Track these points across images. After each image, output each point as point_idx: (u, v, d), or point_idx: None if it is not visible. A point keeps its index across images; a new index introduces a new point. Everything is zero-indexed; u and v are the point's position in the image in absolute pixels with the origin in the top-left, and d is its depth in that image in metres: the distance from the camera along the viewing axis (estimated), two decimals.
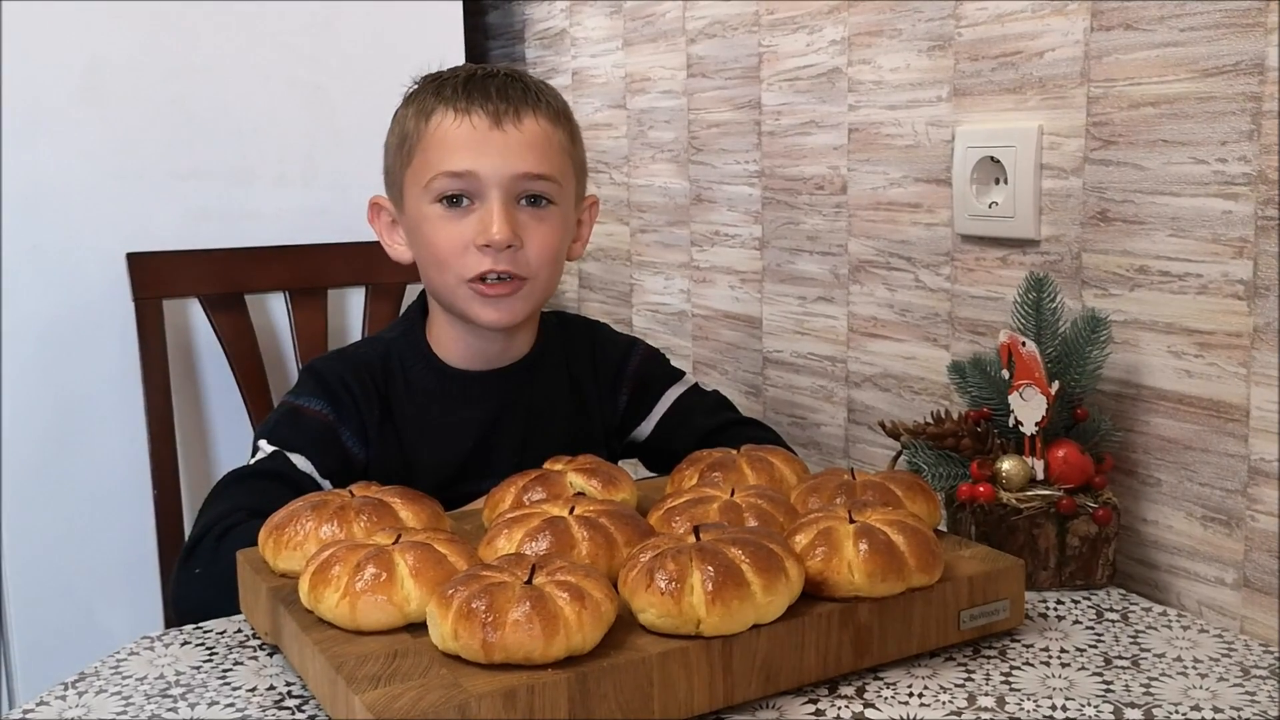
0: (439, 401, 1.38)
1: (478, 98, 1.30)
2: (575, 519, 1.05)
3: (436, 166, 1.30)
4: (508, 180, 1.29)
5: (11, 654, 1.82)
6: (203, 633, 1.12)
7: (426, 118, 1.32)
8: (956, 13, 1.39)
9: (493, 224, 1.28)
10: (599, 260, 2.17)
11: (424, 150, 1.31)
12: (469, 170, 1.29)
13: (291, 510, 1.08)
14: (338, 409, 1.35)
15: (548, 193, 1.33)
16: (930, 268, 1.47)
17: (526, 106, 1.31)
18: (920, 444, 1.27)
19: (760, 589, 0.94)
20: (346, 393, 1.35)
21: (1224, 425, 1.14)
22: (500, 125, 1.29)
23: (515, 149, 1.30)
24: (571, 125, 1.38)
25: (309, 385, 1.37)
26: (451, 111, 1.30)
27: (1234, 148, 1.11)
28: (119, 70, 1.81)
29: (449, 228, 1.31)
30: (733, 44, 1.78)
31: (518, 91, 1.32)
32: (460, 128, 1.29)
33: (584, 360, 1.48)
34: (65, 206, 1.79)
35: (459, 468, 1.37)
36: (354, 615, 0.94)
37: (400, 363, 1.39)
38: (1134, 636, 1.07)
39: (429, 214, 1.32)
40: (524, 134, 1.30)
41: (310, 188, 1.95)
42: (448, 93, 1.31)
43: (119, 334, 1.80)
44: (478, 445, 1.38)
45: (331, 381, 1.36)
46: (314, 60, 1.94)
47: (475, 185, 1.30)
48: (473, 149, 1.29)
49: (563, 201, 1.35)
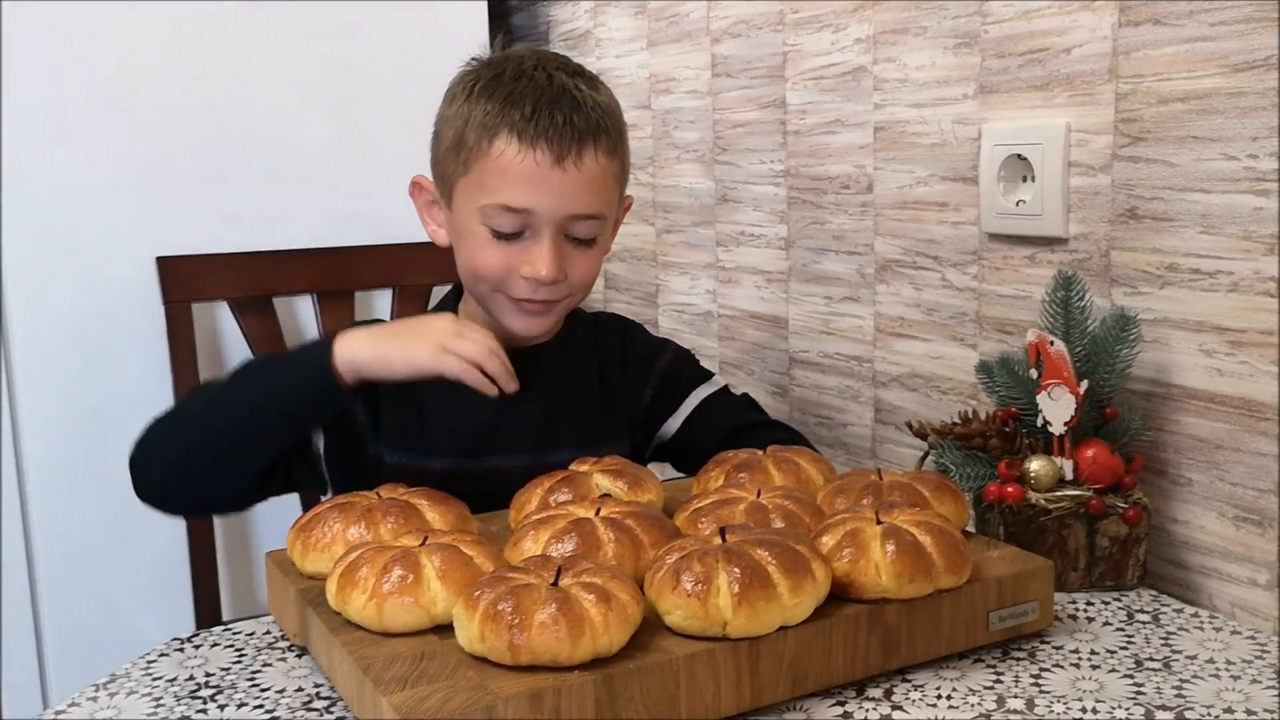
0: None
1: (544, 128, 1.29)
2: (601, 520, 1.05)
3: (493, 195, 1.30)
4: (561, 219, 1.30)
5: (45, 655, 1.83)
6: (232, 634, 1.12)
7: (490, 138, 1.30)
8: (982, 9, 1.39)
9: (542, 263, 1.30)
10: (625, 261, 2.17)
11: (482, 171, 1.31)
12: (526, 208, 1.29)
13: (318, 512, 1.09)
14: None
15: (593, 232, 1.34)
16: (957, 266, 1.46)
17: (589, 140, 1.30)
18: (948, 444, 1.26)
19: (787, 590, 0.93)
20: None
21: (1256, 424, 1.13)
22: (561, 164, 1.29)
23: (572, 190, 1.30)
24: (624, 144, 1.38)
25: None
26: (516, 140, 1.29)
27: (1265, 143, 1.10)
28: (149, 74, 1.82)
29: (496, 252, 1.32)
30: (757, 43, 1.77)
31: (582, 120, 1.30)
32: (523, 162, 1.28)
33: (613, 353, 1.48)
34: (95, 210, 1.79)
35: (475, 439, 1.38)
36: (381, 617, 0.95)
37: None
38: (1165, 638, 1.06)
39: (477, 231, 1.32)
40: (583, 174, 1.30)
41: (338, 190, 1.95)
42: (515, 116, 1.29)
43: (149, 337, 1.81)
44: (494, 418, 1.37)
45: None
46: (341, 64, 1.95)
47: (528, 220, 1.30)
48: (532, 186, 1.29)
49: (606, 231, 1.37)
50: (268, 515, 1.90)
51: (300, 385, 1.29)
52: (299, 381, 1.30)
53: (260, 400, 1.30)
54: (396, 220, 1.46)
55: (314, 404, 1.30)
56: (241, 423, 1.29)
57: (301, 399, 1.29)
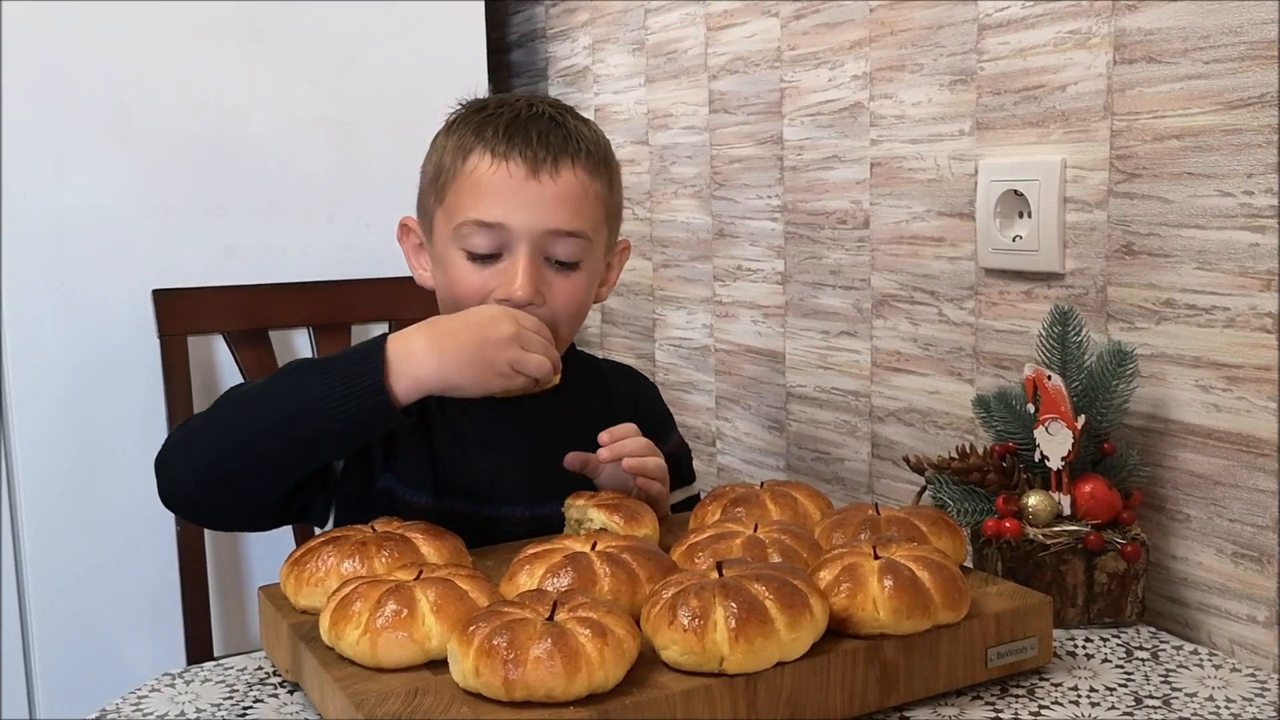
0: (456, 410, 1.35)
1: (517, 143, 1.26)
2: (597, 555, 1.04)
3: (467, 211, 1.27)
4: (537, 235, 1.26)
5: (36, 691, 1.81)
6: (223, 669, 1.11)
7: (464, 156, 1.28)
8: (978, 47, 1.39)
9: (515, 281, 1.25)
10: (622, 295, 2.17)
11: (457, 190, 1.29)
12: (499, 222, 1.26)
13: (311, 546, 1.08)
14: None
15: (575, 255, 1.29)
16: (954, 301, 1.46)
17: (566, 156, 1.27)
18: (945, 479, 1.26)
19: (784, 626, 0.93)
20: None
21: (1254, 460, 1.13)
22: (536, 175, 1.26)
23: (549, 203, 1.26)
24: (611, 171, 1.35)
25: None
26: (489, 155, 1.27)
27: (1261, 180, 1.10)
28: (147, 107, 1.82)
29: (472, 276, 1.28)
30: (754, 80, 1.78)
31: (559, 138, 1.28)
32: (496, 174, 1.26)
33: (625, 407, 1.43)
34: (92, 243, 1.79)
35: (477, 487, 1.34)
36: (375, 652, 0.94)
37: None
38: (1165, 675, 1.06)
39: (454, 256, 1.29)
40: (560, 186, 1.27)
41: (335, 224, 1.95)
42: (489, 134, 1.28)
43: (144, 370, 1.81)
44: (492, 465, 1.35)
45: None
46: (340, 98, 1.95)
47: (504, 237, 1.26)
48: (505, 199, 1.26)
49: (591, 256, 1.32)
50: (260, 549, 1.90)
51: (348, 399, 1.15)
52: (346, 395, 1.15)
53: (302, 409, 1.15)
54: (393, 254, 1.45)
55: (364, 422, 1.16)
56: (283, 430, 1.16)
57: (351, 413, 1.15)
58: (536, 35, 2.39)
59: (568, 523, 1.26)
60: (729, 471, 1.92)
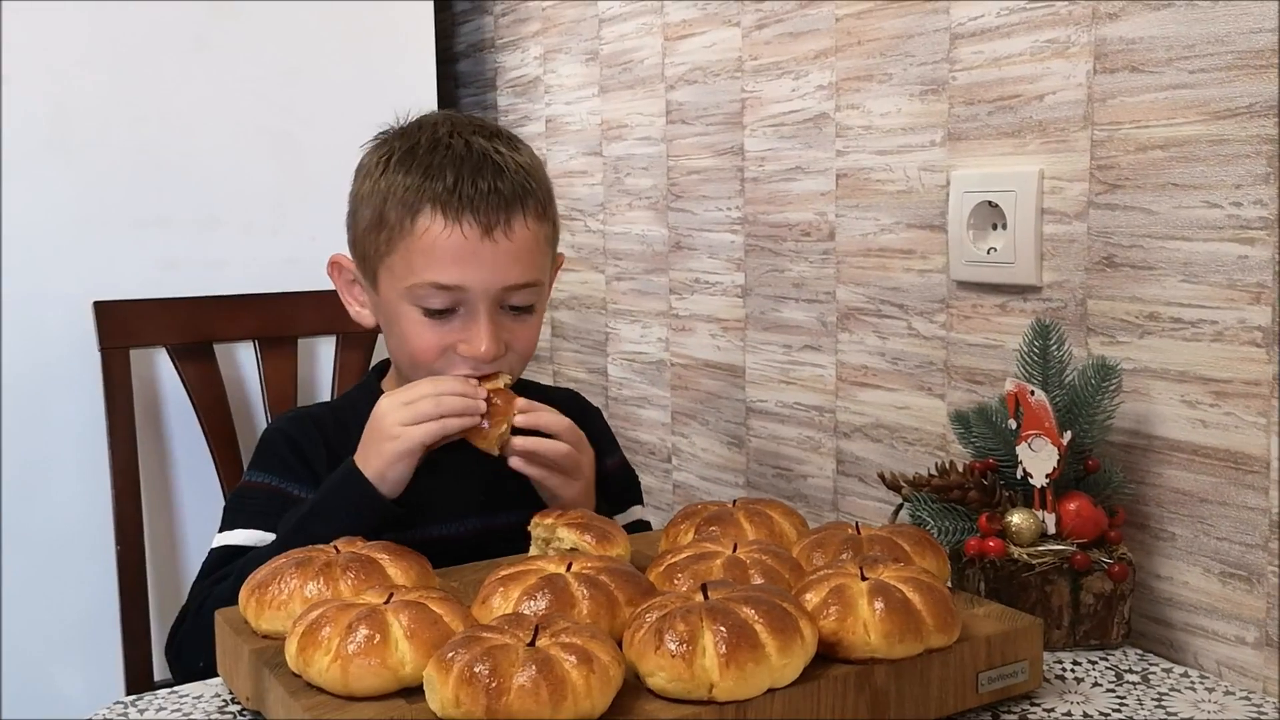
0: None
1: (468, 199, 1.24)
2: (574, 576, 1.00)
3: (422, 274, 1.25)
4: (495, 292, 1.26)
5: None
6: (179, 698, 1.05)
7: (412, 215, 1.25)
8: (950, 56, 1.37)
9: (481, 341, 1.26)
10: (573, 309, 2.12)
11: (408, 250, 1.26)
12: (457, 284, 1.25)
13: (275, 567, 1.03)
14: (283, 470, 1.33)
15: (531, 300, 1.30)
16: (924, 315, 1.43)
17: (516, 209, 1.26)
18: (923, 496, 1.23)
19: (775, 650, 0.89)
20: (290, 448, 1.34)
21: (1242, 477, 1.11)
22: (491, 235, 1.25)
23: (504, 261, 1.26)
24: (552, 205, 1.34)
25: (255, 459, 1.37)
26: (440, 215, 1.24)
27: (1249, 191, 1.08)
28: (85, 117, 1.76)
29: (430, 332, 1.28)
30: (714, 90, 1.74)
31: (507, 187, 1.26)
32: (450, 238, 1.24)
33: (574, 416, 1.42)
34: (30, 254, 1.73)
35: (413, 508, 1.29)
36: (346, 679, 0.89)
37: (354, 411, 1.35)
38: (1158, 699, 1.03)
39: (408, 313, 1.28)
40: (514, 243, 1.26)
41: (279, 236, 1.90)
42: (438, 189, 1.25)
43: (84, 384, 1.74)
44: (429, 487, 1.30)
45: (274, 445, 1.36)
46: (284, 108, 1.90)
47: (461, 296, 1.26)
48: (462, 262, 1.25)
49: (542, 295, 1.33)
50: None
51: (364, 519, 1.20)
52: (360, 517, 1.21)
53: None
54: None
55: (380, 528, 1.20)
56: None
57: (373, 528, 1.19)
58: (485, 45, 2.34)
59: (534, 542, 1.21)
60: (685, 488, 1.88)
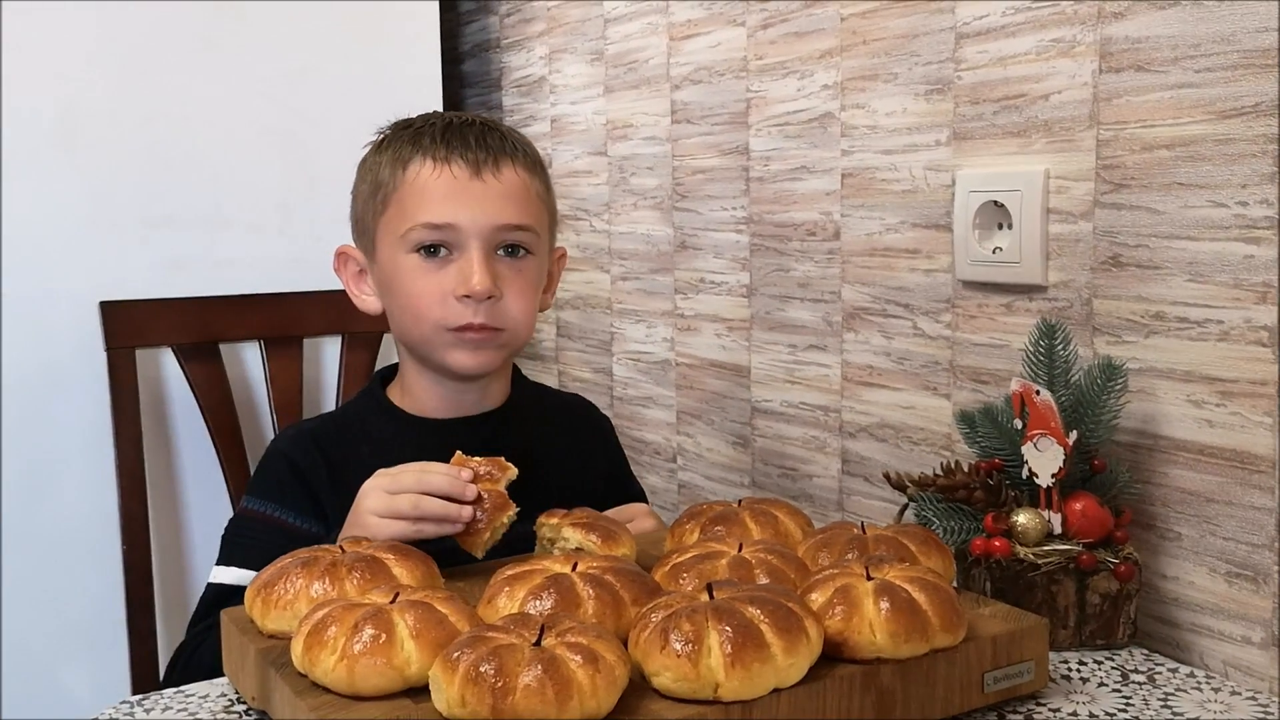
0: (397, 449, 1.30)
1: (457, 146, 1.29)
2: (579, 576, 1.00)
3: (415, 217, 1.28)
4: (488, 231, 1.28)
5: None
6: (185, 697, 1.05)
7: (404, 166, 1.29)
8: (956, 56, 1.36)
9: (473, 275, 1.27)
10: (578, 309, 2.12)
11: (400, 200, 1.29)
12: (449, 222, 1.27)
13: (280, 568, 1.03)
14: (281, 497, 1.32)
15: (526, 243, 1.31)
16: (930, 315, 1.43)
17: (505, 155, 1.30)
18: (929, 496, 1.23)
19: (781, 651, 0.89)
20: (291, 471, 1.33)
21: (1249, 477, 1.10)
22: (480, 175, 1.28)
23: (495, 199, 1.28)
24: (546, 175, 1.38)
25: (256, 482, 1.37)
26: (430, 161, 1.28)
27: (1255, 190, 1.08)
28: (92, 117, 1.77)
29: (427, 278, 1.29)
30: (719, 90, 1.74)
31: (496, 140, 1.31)
32: (440, 178, 1.28)
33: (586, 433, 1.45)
34: (36, 254, 1.73)
35: None
36: (352, 679, 0.89)
37: (360, 420, 1.37)
38: (1164, 700, 1.03)
39: (405, 264, 1.29)
40: (503, 184, 1.29)
41: (285, 236, 1.90)
42: (425, 141, 1.30)
43: (90, 384, 1.74)
44: None
45: (275, 469, 1.35)
46: (290, 108, 1.90)
47: (454, 236, 1.28)
48: (452, 199, 1.27)
49: (539, 251, 1.34)
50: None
51: None
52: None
53: None
54: None
55: None
56: None
57: None
58: (490, 45, 2.34)
59: (539, 542, 1.21)
60: (690, 488, 1.88)
